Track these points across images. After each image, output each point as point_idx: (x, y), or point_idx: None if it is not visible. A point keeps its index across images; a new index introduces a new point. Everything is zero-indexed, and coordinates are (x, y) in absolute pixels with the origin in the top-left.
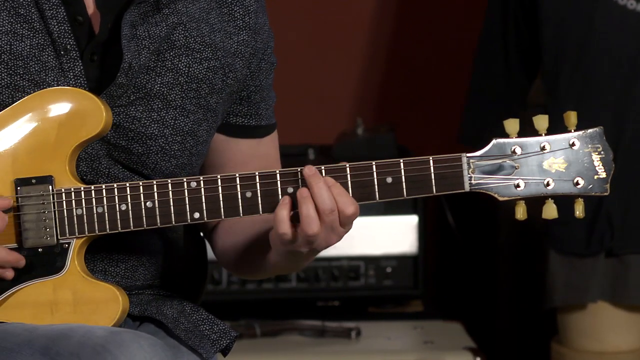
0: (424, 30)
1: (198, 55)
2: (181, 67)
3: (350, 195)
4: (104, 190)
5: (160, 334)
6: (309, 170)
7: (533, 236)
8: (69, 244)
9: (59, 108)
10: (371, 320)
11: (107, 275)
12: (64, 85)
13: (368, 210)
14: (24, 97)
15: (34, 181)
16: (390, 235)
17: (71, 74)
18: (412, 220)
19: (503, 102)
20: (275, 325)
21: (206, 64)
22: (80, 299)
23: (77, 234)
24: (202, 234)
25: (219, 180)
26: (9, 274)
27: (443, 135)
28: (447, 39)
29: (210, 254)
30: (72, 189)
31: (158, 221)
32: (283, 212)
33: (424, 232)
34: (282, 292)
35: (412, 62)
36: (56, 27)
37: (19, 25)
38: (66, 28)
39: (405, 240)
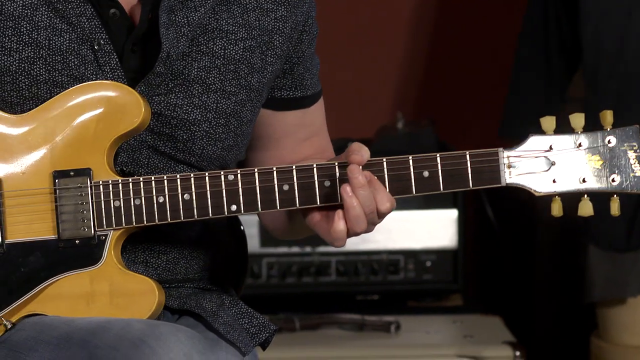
0: (465, 25)
1: (232, 37)
2: (216, 50)
3: (387, 188)
4: (141, 183)
5: (199, 328)
6: (352, 172)
7: (573, 230)
8: (106, 235)
9: (98, 102)
10: (411, 314)
11: (148, 267)
12: (101, 79)
13: (408, 204)
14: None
15: (72, 173)
16: (430, 229)
17: (107, 67)
18: (452, 214)
19: (543, 97)
20: (314, 319)
21: (242, 44)
22: (117, 291)
23: (114, 226)
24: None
25: (256, 173)
26: None
27: (483, 129)
28: (488, 34)
29: (249, 248)
30: (110, 181)
31: (195, 213)
32: (341, 226)
33: (464, 226)
34: (321, 286)
35: (452, 56)
36: (86, 23)
37: (57, 19)
38: (96, 23)
39: (444, 234)
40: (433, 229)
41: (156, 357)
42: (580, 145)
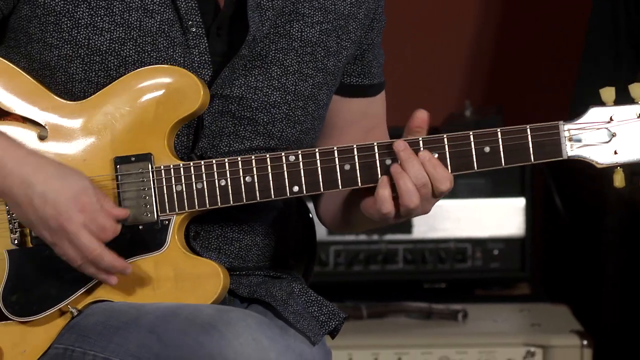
0: (533, 13)
1: (309, 20)
2: (293, 33)
3: (449, 165)
4: (203, 167)
5: (268, 316)
6: (399, 145)
7: None
8: (169, 220)
9: (157, 86)
10: (478, 303)
11: (220, 254)
12: (188, 62)
13: (475, 192)
14: None
15: (133, 159)
16: (498, 217)
17: (196, 50)
18: (520, 202)
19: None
20: (381, 307)
21: (318, 27)
22: (181, 275)
23: (177, 210)
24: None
25: (317, 153)
26: (113, 280)
27: (551, 117)
28: (556, 22)
29: (317, 235)
30: (172, 166)
31: (257, 196)
32: (385, 191)
33: (531, 215)
34: (388, 274)
35: (520, 44)
36: (183, 3)
37: (149, 0)
38: (193, 5)
39: (512, 222)
40: (501, 218)
41: (225, 341)
42: None
